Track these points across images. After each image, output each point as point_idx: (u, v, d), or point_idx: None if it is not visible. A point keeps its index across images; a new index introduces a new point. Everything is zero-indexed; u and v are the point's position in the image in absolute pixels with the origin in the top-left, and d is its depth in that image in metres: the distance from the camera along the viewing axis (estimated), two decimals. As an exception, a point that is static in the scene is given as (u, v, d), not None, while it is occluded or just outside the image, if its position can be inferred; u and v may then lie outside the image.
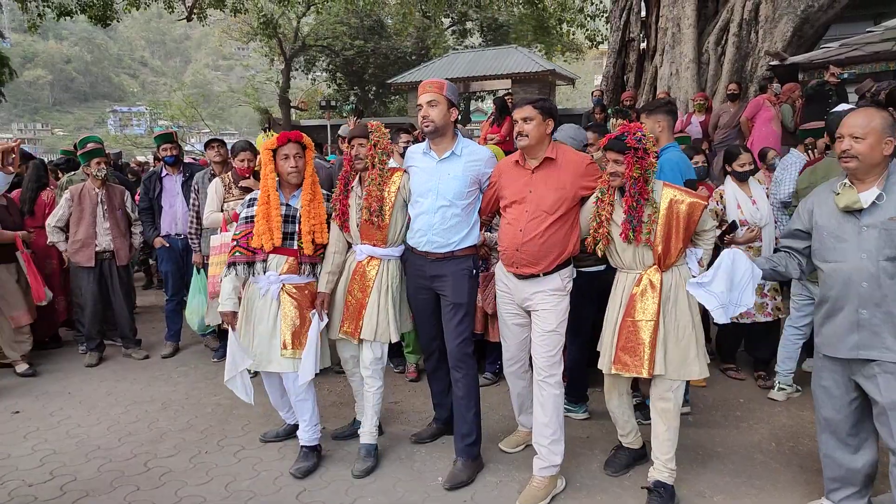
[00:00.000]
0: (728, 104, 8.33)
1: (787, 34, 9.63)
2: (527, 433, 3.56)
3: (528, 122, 3.12)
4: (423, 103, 3.29)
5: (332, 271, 3.49)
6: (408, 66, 24.11)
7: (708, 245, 3.19)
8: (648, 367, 2.96)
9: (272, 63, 27.13)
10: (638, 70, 12.01)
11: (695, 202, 3.01)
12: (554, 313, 3.17)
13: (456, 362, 3.37)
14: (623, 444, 3.40)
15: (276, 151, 3.38)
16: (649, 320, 2.97)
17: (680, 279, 3.04)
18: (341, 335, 3.52)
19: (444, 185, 3.29)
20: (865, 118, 2.55)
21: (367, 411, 3.52)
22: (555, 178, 3.16)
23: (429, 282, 3.41)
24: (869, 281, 2.54)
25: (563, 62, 24.51)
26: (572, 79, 21.90)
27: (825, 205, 2.73)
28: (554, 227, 3.13)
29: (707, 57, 10.53)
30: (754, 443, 3.64)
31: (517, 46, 21.27)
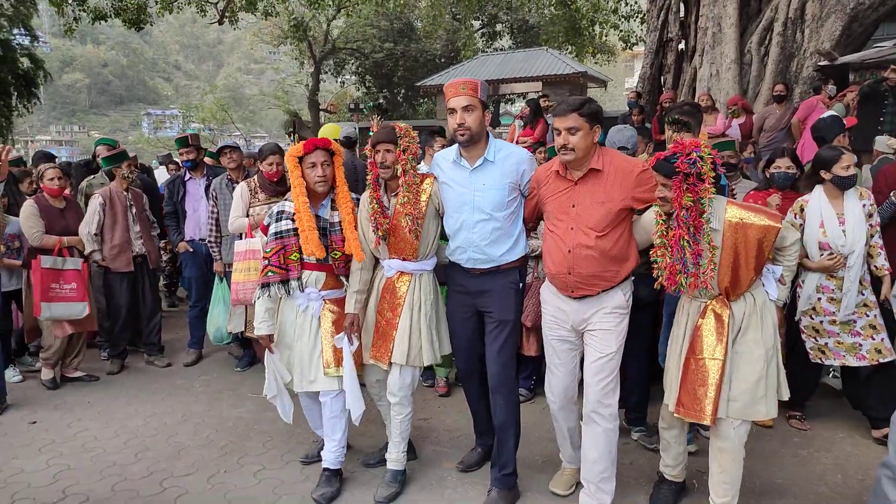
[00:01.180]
0: (774, 106, 7.95)
1: (836, 33, 9.18)
2: (574, 471, 3.24)
3: (573, 132, 2.73)
4: (457, 108, 2.91)
5: (360, 290, 3.20)
6: (437, 68, 23.94)
7: (790, 261, 2.83)
8: (711, 413, 2.65)
9: (302, 66, 27.25)
10: (676, 71, 11.62)
11: (768, 226, 2.63)
12: (614, 334, 2.86)
13: (498, 385, 3.09)
14: (666, 475, 3.09)
15: (303, 159, 3.15)
16: (715, 359, 2.66)
17: (754, 307, 2.70)
18: (370, 361, 3.22)
19: (480, 197, 2.98)
20: None
21: (393, 437, 3.28)
22: (601, 190, 2.81)
23: (472, 298, 3.13)
24: None
25: (595, 64, 24.10)
26: (604, 81, 21.49)
27: None
28: (606, 243, 2.79)
29: (749, 57, 10.11)
30: (817, 474, 3.32)
31: (547, 48, 20.92)
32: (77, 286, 4.78)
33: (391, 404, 3.23)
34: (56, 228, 4.82)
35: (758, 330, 2.70)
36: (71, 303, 4.75)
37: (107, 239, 5.04)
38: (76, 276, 4.80)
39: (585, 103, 2.77)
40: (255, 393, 4.61)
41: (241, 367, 5.18)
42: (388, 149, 3.02)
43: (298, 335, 3.23)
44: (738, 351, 2.70)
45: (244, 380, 4.96)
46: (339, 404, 3.23)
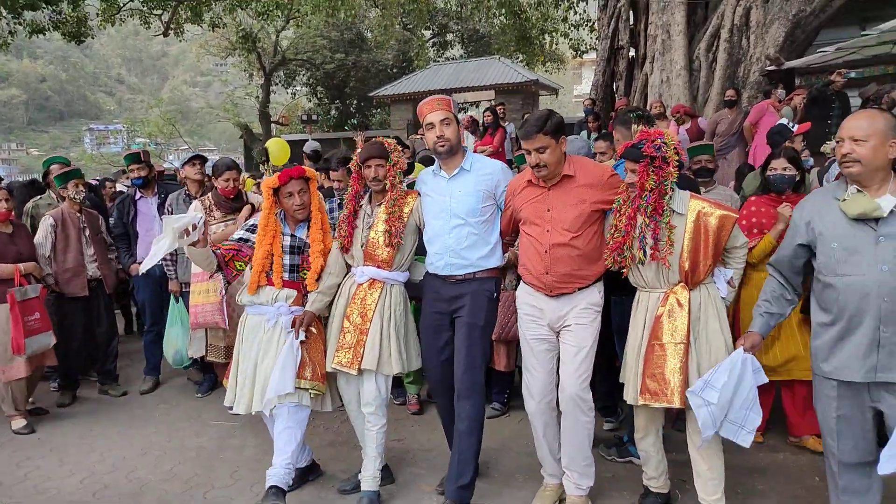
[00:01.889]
0: (725, 111, 8.13)
1: (779, 39, 9.47)
2: (557, 486, 3.19)
3: (542, 151, 2.86)
4: (435, 122, 3.09)
5: (324, 292, 3.24)
6: (389, 78, 23.83)
7: (739, 264, 2.94)
8: (680, 395, 2.69)
9: (251, 78, 26.74)
10: (628, 78, 11.81)
11: (726, 215, 2.80)
12: (589, 329, 2.96)
13: (464, 390, 3.09)
14: (651, 488, 3.06)
15: (279, 190, 3.20)
16: (679, 343, 2.73)
17: (709, 298, 2.81)
18: (335, 366, 3.17)
19: (456, 203, 3.11)
20: (867, 120, 2.34)
21: (368, 453, 3.21)
22: (574, 193, 2.94)
23: (447, 304, 3.17)
24: (891, 296, 2.26)
25: (545, 72, 24.38)
26: (555, 89, 21.77)
27: (827, 213, 2.43)
28: (580, 243, 2.92)
29: (698, 64, 10.35)
30: (795, 478, 3.33)
31: (499, 57, 21.06)
32: (40, 315, 4.43)
33: (366, 415, 3.20)
34: (8, 256, 4.40)
35: (716, 321, 2.80)
36: (40, 335, 4.40)
37: (59, 262, 4.75)
38: (37, 304, 4.46)
39: (547, 120, 2.86)
40: (218, 420, 4.42)
41: (201, 394, 4.96)
42: (380, 164, 3.13)
43: (265, 351, 3.18)
44: (700, 341, 2.78)
45: (205, 406, 4.75)
46: (296, 416, 3.13)
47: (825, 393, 2.49)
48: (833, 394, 2.45)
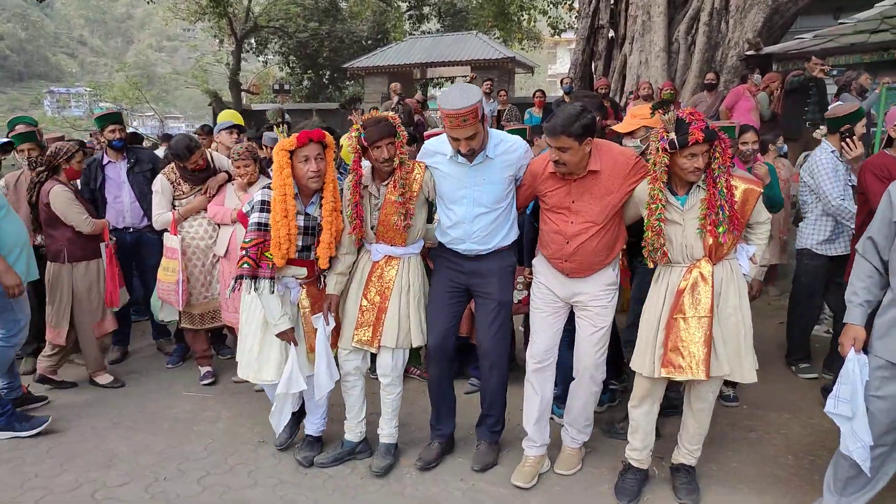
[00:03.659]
0: (704, 94, 8.18)
1: (758, 24, 9.52)
2: (537, 459, 3.21)
3: (564, 151, 2.79)
4: (461, 138, 2.85)
5: (343, 272, 3.19)
6: (364, 50, 23.40)
7: (762, 240, 2.93)
8: (705, 367, 2.69)
9: (221, 44, 25.99)
10: (607, 58, 11.78)
11: (749, 188, 2.77)
12: (608, 310, 3.05)
13: (495, 361, 3.22)
14: (632, 461, 3.07)
15: (294, 153, 2.96)
16: (703, 316, 2.71)
17: (731, 274, 2.80)
18: (355, 345, 3.16)
19: (480, 192, 3.01)
20: None
21: (385, 415, 3.33)
22: (601, 185, 2.89)
23: (465, 277, 3.15)
24: None
25: (521, 50, 24.22)
26: (531, 67, 21.65)
27: None
28: (603, 233, 2.93)
29: (677, 46, 10.36)
30: (770, 456, 3.39)
31: (476, 33, 20.84)
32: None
33: (383, 385, 3.26)
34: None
35: (737, 297, 2.79)
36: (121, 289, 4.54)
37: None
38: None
39: (575, 121, 2.73)
40: (190, 391, 4.33)
41: (171, 364, 4.85)
42: (391, 142, 2.95)
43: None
44: (721, 315, 2.77)
45: (176, 377, 4.64)
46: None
47: (871, 370, 2.49)
48: (881, 373, 2.46)
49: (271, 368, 3.14)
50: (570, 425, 3.25)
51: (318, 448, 3.41)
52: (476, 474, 3.23)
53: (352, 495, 3.09)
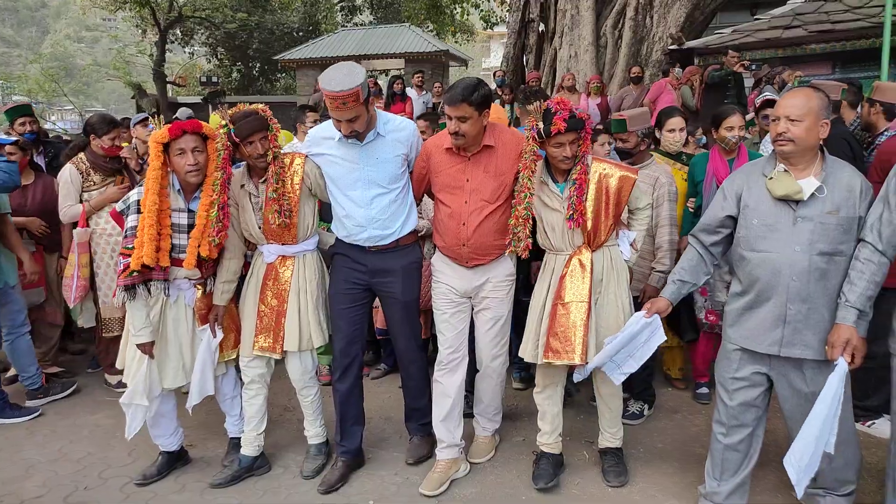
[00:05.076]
0: (630, 87, 8.41)
1: (680, 19, 9.85)
2: (448, 463, 3.12)
3: (463, 120, 2.80)
4: (342, 119, 2.79)
5: (229, 280, 3.05)
6: (295, 42, 22.94)
7: (641, 226, 3.05)
8: (582, 351, 2.77)
9: (144, 35, 24.99)
10: (538, 51, 11.96)
11: (625, 175, 2.86)
12: (505, 301, 3.08)
13: (411, 358, 3.23)
14: (543, 448, 3.10)
15: (170, 146, 2.81)
16: (581, 301, 2.80)
17: (612, 261, 2.90)
18: (257, 352, 3.04)
19: (374, 171, 2.95)
20: (804, 99, 2.37)
21: (308, 417, 3.26)
22: (494, 163, 2.92)
23: (370, 276, 3.04)
24: (799, 276, 2.37)
25: (455, 43, 24.27)
26: (465, 60, 21.72)
27: (755, 188, 2.50)
28: (497, 214, 2.94)
29: (605, 40, 10.62)
30: (692, 436, 3.53)
31: (409, 25, 20.75)
32: None
33: (298, 391, 3.20)
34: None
35: (617, 285, 2.90)
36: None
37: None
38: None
39: (474, 91, 2.78)
40: (112, 396, 4.14)
41: (91, 368, 4.65)
42: (264, 136, 2.87)
43: (175, 326, 3.00)
44: (601, 303, 2.88)
45: (98, 381, 4.44)
46: (228, 385, 3.24)
47: (726, 355, 2.64)
48: (734, 358, 2.60)
49: (168, 377, 3.02)
50: (480, 415, 3.30)
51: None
52: (410, 468, 3.23)
53: (283, 496, 3.03)
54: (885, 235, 2.30)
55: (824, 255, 2.35)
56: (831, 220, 2.34)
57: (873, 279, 2.31)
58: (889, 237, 2.29)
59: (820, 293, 2.37)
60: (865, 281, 2.30)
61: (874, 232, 2.32)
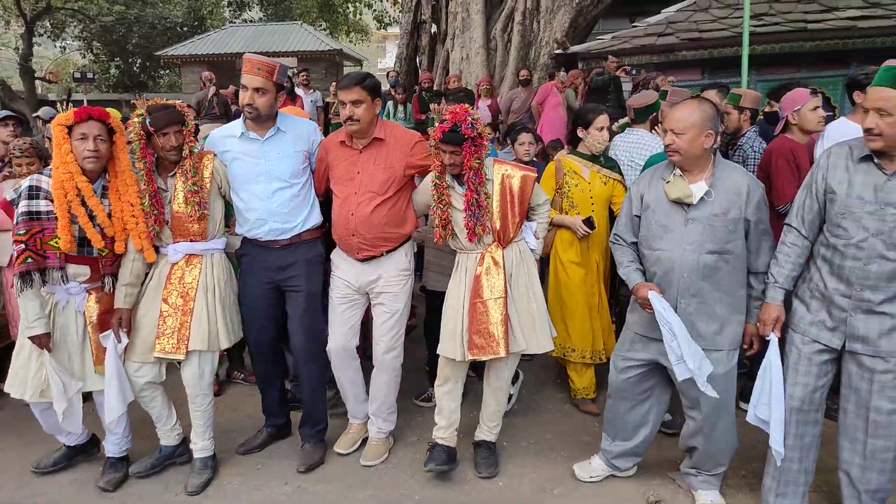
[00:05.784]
0: (519, 89, 8.64)
1: (565, 25, 10.24)
2: (359, 427, 3.39)
3: (358, 105, 2.93)
4: (248, 86, 2.92)
5: (132, 283, 2.94)
6: (179, 37, 21.92)
7: (542, 219, 3.20)
8: (504, 345, 2.88)
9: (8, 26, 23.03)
10: (431, 53, 12.06)
11: (525, 175, 3.00)
12: (400, 296, 3.15)
13: (311, 356, 3.21)
14: (438, 440, 3.18)
15: (72, 130, 2.70)
16: (498, 297, 2.90)
17: (520, 255, 3.03)
18: (158, 355, 2.94)
19: (275, 166, 3.03)
20: (686, 112, 2.56)
21: (197, 427, 3.13)
22: (383, 157, 3.03)
23: (275, 273, 3.09)
24: (689, 272, 2.58)
25: (349, 43, 24.04)
26: (360, 60, 21.60)
27: (654, 190, 2.70)
28: (386, 207, 3.03)
29: (495, 43, 10.85)
30: (580, 426, 3.66)
31: (302, 24, 20.36)
32: None
33: (192, 397, 3.08)
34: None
35: (526, 277, 3.02)
36: None
37: None
38: None
39: (367, 77, 2.98)
40: None
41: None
42: (179, 130, 2.89)
43: (63, 334, 2.85)
44: (513, 295, 2.98)
45: None
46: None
47: (627, 339, 2.88)
48: (631, 341, 2.84)
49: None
50: (374, 416, 3.29)
51: (123, 468, 3.13)
52: (301, 476, 3.16)
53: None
54: (807, 221, 2.50)
55: (713, 253, 2.55)
56: (718, 221, 2.54)
57: (797, 261, 2.53)
58: (811, 222, 2.49)
59: (709, 288, 2.58)
60: (791, 263, 2.53)
61: (798, 217, 2.52)
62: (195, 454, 3.15)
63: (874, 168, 2.32)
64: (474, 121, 2.81)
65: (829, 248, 2.43)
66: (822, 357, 2.50)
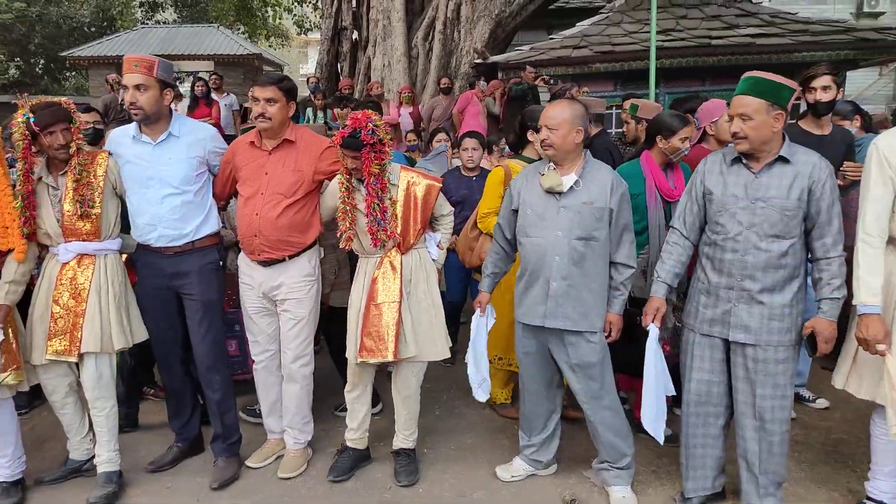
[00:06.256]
0: (441, 97, 8.71)
1: (485, 35, 10.40)
2: (277, 442, 3.33)
3: (272, 103, 2.94)
4: (129, 85, 2.88)
5: (16, 280, 2.82)
6: (87, 38, 20.86)
7: (446, 229, 3.26)
8: (394, 349, 2.92)
9: None
10: (352, 59, 11.98)
11: (431, 184, 3.07)
12: (304, 302, 3.11)
13: (213, 364, 3.13)
14: (348, 443, 3.24)
15: None
16: (392, 301, 2.95)
17: (420, 262, 3.08)
18: (50, 357, 2.82)
19: (167, 171, 2.96)
20: (559, 110, 2.76)
21: (101, 437, 3.00)
22: (293, 159, 3.02)
23: (168, 280, 3.00)
24: (561, 255, 2.76)
25: (269, 48, 23.56)
26: (280, 65, 21.18)
27: (531, 184, 2.89)
28: (292, 210, 3.01)
29: (416, 51, 10.90)
30: (499, 429, 3.71)
31: (218, 26, 19.79)
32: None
33: (91, 402, 2.96)
34: None
35: (426, 283, 3.09)
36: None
37: None
38: None
39: (285, 79, 3.01)
40: None
41: None
42: (66, 128, 2.82)
43: None
44: (411, 301, 3.03)
45: None
46: (3, 416, 2.90)
47: (517, 333, 2.99)
48: (521, 334, 2.99)
49: None
50: (289, 427, 3.25)
51: (18, 493, 2.95)
52: (214, 493, 3.06)
53: None
54: (688, 222, 2.75)
55: (581, 239, 2.75)
56: (586, 209, 2.75)
57: (680, 259, 2.76)
58: (691, 224, 2.74)
59: (578, 273, 2.77)
60: (673, 260, 2.75)
61: (680, 220, 2.77)
62: (99, 467, 3.01)
63: (744, 168, 2.58)
64: (375, 127, 2.85)
65: (711, 245, 2.65)
66: (715, 352, 2.70)
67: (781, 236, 2.49)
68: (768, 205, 2.49)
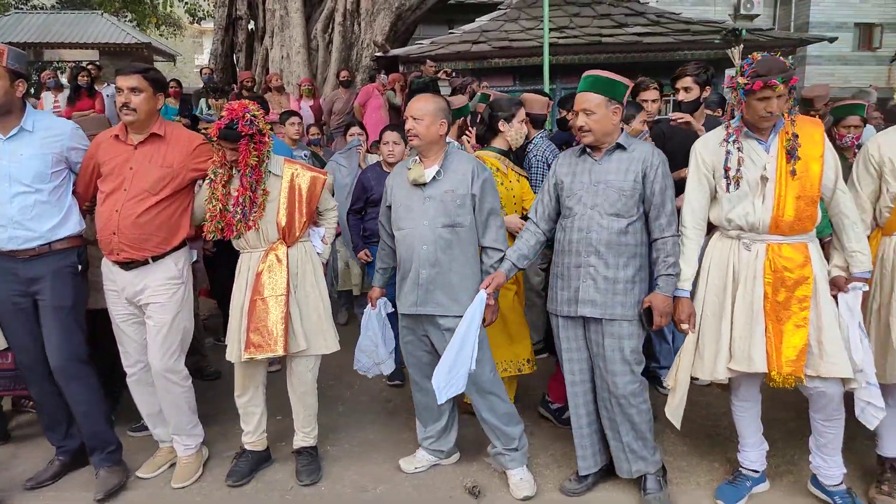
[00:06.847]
0: (340, 90, 8.60)
1: (385, 28, 10.35)
2: (169, 450, 3.19)
3: (136, 93, 2.82)
4: None
5: None
6: (-49, 22, 19.10)
7: (330, 224, 3.26)
8: (284, 343, 2.88)
9: None
10: (248, 50, 11.59)
11: (315, 176, 3.07)
12: (168, 307, 2.95)
13: (72, 374, 2.93)
14: (246, 447, 3.17)
15: None
16: (280, 295, 2.91)
17: (306, 255, 3.08)
18: None
19: (17, 168, 2.79)
20: (423, 103, 2.89)
21: None
22: (161, 155, 2.91)
23: (25, 286, 2.82)
24: (428, 244, 2.85)
25: (160, 37, 22.40)
26: (172, 55, 20.19)
27: (400, 178, 2.99)
28: (158, 209, 2.89)
29: (316, 43, 10.70)
30: (403, 422, 3.72)
31: (103, 13, 18.61)
32: None
33: None
34: None
35: (312, 276, 3.07)
36: None
37: None
38: None
39: (151, 70, 2.93)
40: None
41: None
42: None
43: None
44: (299, 294, 3.01)
45: None
46: None
47: (401, 324, 3.07)
48: (404, 323, 3.05)
49: None
50: (176, 434, 3.12)
51: None
52: (101, 504, 2.91)
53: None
54: (539, 212, 2.93)
55: (446, 227, 2.85)
56: (448, 197, 2.85)
57: (528, 243, 2.92)
58: (542, 213, 2.92)
59: (446, 260, 2.86)
60: (523, 243, 2.93)
61: (534, 211, 2.95)
62: None
63: (588, 157, 2.81)
64: (254, 118, 2.82)
65: (562, 230, 2.85)
66: (578, 331, 2.87)
67: (621, 215, 2.70)
68: (608, 186, 2.72)
